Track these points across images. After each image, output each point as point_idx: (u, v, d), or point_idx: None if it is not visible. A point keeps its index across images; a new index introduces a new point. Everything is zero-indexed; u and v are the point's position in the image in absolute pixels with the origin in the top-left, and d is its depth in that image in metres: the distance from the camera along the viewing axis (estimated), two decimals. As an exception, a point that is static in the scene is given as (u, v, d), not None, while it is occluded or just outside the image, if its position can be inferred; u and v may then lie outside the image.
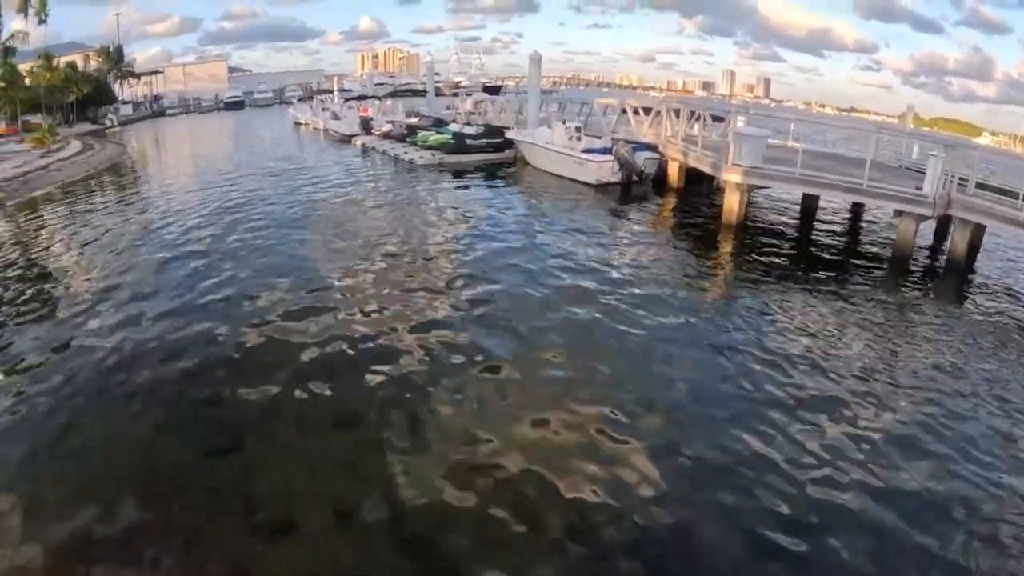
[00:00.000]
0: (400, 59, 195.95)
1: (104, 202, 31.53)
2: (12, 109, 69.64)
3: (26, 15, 71.99)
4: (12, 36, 58.58)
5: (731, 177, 20.06)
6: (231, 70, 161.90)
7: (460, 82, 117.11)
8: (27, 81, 72.26)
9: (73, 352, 12.00)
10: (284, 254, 17.92)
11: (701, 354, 11.44)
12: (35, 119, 73.19)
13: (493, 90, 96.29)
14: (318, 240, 19.51)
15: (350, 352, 11.25)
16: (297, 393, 9.95)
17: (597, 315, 13.00)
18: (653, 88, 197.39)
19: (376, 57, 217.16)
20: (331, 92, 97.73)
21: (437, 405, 9.55)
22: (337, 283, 15.19)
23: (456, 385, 10.09)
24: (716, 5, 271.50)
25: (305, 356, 11.17)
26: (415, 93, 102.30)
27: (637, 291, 14.40)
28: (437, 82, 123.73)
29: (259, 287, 14.82)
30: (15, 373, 11.19)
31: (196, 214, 24.52)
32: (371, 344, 11.55)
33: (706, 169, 22.64)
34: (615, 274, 15.67)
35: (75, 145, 58.64)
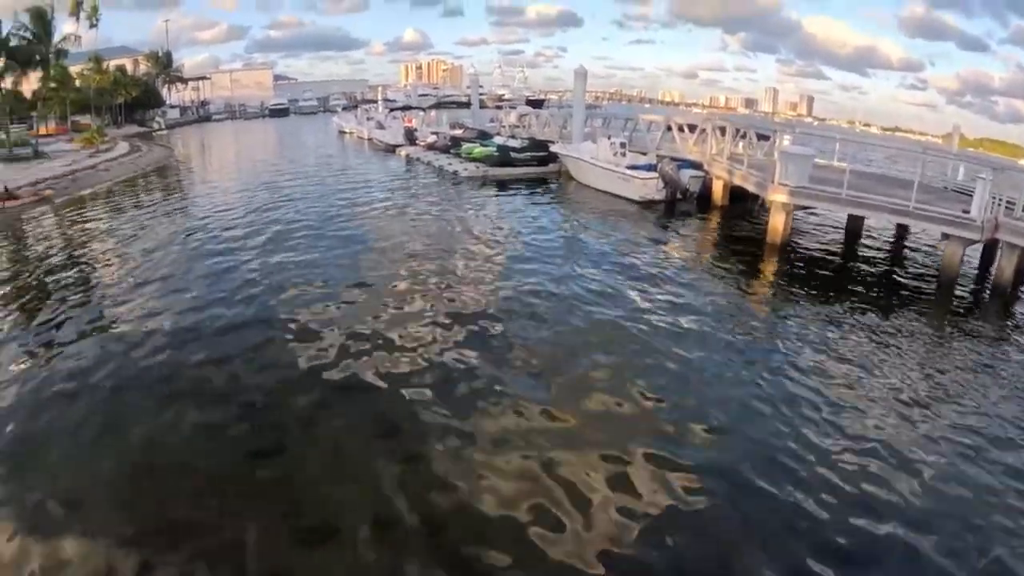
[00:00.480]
0: (444, 71, 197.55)
1: (150, 203, 32.41)
2: (62, 109, 71.49)
3: (78, 19, 73.56)
4: (65, 39, 59.66)
5: (777, 197, 20.05)
6: (276, 78, 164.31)
7: (503, 95, 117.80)
8: (77, 83, 73.92)
9: (112, 348, 12.44)
10: (326, 261, 18.41)
11: (741, 378, 11.31)
12: (84, 119, 75.20)
13: (536, 104, 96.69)
14: (360, 248, 20.04)
15: (385, 363, 11.42)
16: (336, 400, 10.23)
17: (637, 332, 13.09)
18: (695, 104, 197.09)
19: (420, 68, 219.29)
20: (375, 102, 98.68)
21: (478, 419, 9.66)
22: (374, 293, 15.51)
23: (495, 401, 10.20)
24: (760, 22, 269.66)
25: (341, 363, 11.46)
26: (459, 105, 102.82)
27: (679, 311, 14.44)
28: (481, 95, 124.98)
29: (296, 293, 15.27)
30: (54, 368, 11.65)
31: (239, 217, 25.36)
32: (405, 357, 11.71)
33: (751, 188, 22.64)
34: (657, 293, 15.71)
35: (123, 146, 60.12)
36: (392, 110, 71.06)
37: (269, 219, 24.75)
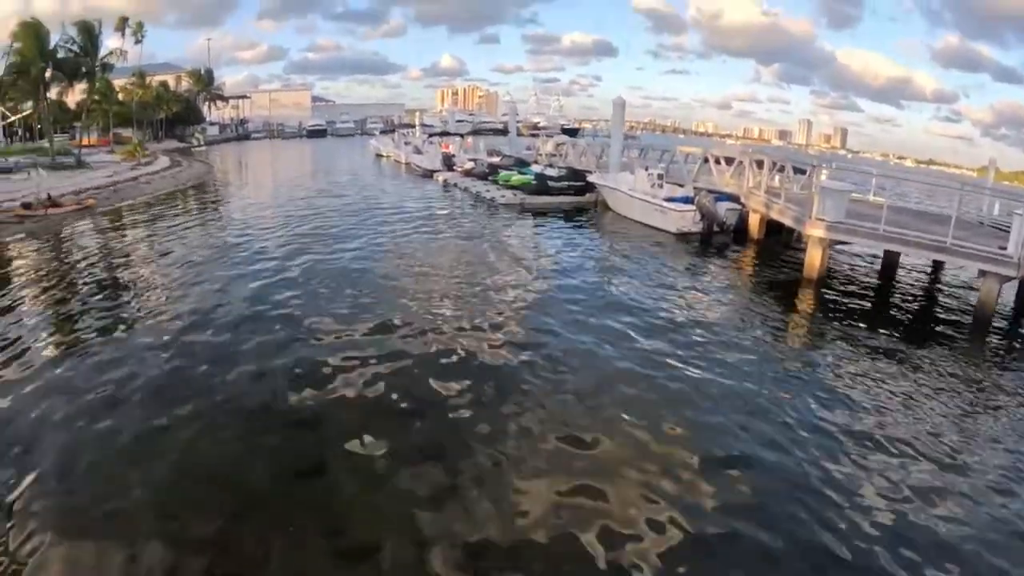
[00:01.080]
0: (480, 97, 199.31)
1: (189, 218, 33.40)
2: (105, 122, 73.40)
3: (123, 34, 75.42)
4: (111, 53, 61.36)
5: (814, 232, 20.16)
6: (314, 99, 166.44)
7: (538, 123, 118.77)
8: (120, 96, 75.62)
9: (150, 359, 12.92)
10: (365, 283, 18.91)
11: (773, 413, 11.22)
12: (126, 132, 77.15)
13: (571, 132, 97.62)
14: (399, 272, 20.59)
15: (421, 387, 11.73)
16: (375, 420, 10.42)
17: (671, 364, 13.26)
18: (729, 135, 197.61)
19: (456, 94, 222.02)
20: (412, 126, 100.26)
21: (514, 444, 9.91)
22: (413, 316, 15.86)
23: (528, 428, 10.36)
24: (793, 53, 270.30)
25: (377, 384, 11.78)
26: (495, 132, 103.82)
27: (714, 345, 14.54)
28: (516, 122, 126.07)
29: (333, 314, 15.69)
30: (93, 376, 12.03)
31: (277, 237, 26.21)
32: (439, 382, 11.94)
33: (789, 223, 22.85)
34: (692, 326, 15.87)
35: (163, 160, 61.60)
36: (431, 135, 72.19)
37: (309, 240, 25.51)
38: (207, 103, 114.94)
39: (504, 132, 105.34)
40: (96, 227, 30.19)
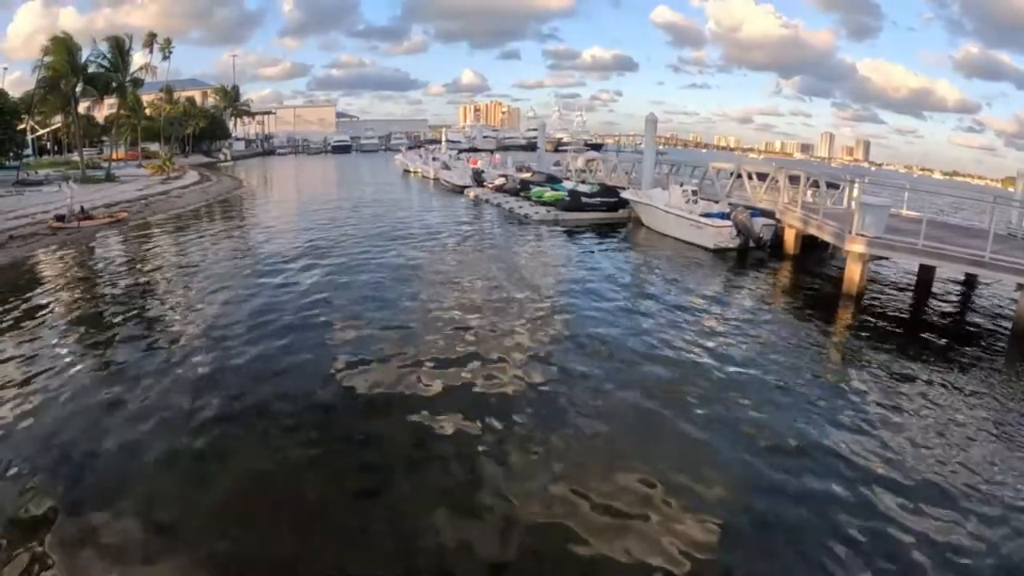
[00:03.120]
0: (503, 113, 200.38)
1: (220, 233, 33.98)
2: (133, 136, 74.64)
3: (151, 50, 76.80)
4: (142, 68, 62.82)
5: (855, 247, 20.24)
6: (338, 115, 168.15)
7: (562, 139, 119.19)
8: (147, 111, 76.96)
9: (207, 375, 13.18)
10: (405, 298, 19.31)
11: (806, 432, 11.07)
12: (153, 147, 78.54)
13: (595, 148, 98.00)
14: (441, 286, 21.10)
15: (465, 404, 11.82)
16: (434, 441, 10.47)
17: (712, 379, 13.42)
18: (751, 149, 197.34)
19: (478, 110, 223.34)
20: (438, 142, 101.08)
21: (558, 457, 10.03)
22: (455, 330, 16.06)
23: (568, 443, 10.44)
24: (814, 65, 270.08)
25: (436, 403, 11.89)
26: (519, 148, 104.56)
27: (754, 361, 14.59)
28: (536, 138, 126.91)
29: (376, 333, 15.84)
30: (140, 390, 12.34)
31: (311, 251, 26.83)
32: (477, 399, 12.10)
33: (828, 238, 22.95)
34: (732, 341, 16.00)
35: (192, 175, 62.78)
36: (461, 151, 72.87)
37: (344, 257, 25.94)
38: (233, 118, 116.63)
39: (528, 148, 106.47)
40: (129, 239, 30.97)
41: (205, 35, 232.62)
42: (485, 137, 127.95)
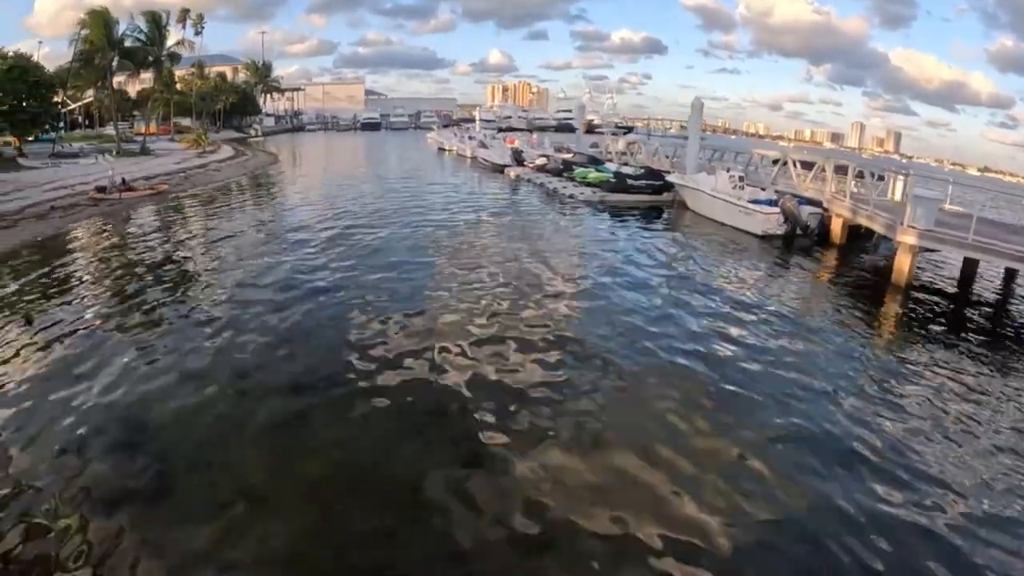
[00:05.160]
0: (533, 94, 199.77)
1: (264, 205, 35.26)
2: (166, 111, 75.38)
3: (184, 26, 77.33)
4: (179, 43, 63.35)
5: (906, 239, 20.52)
6: (367, 93, 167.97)
7: (592, 120, 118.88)
8: (179, 86, 77.67)
9: (287, 351, 13.52)
10: (478, 282, 19.50)
11: (848, 426, 10.98)
12: (184, 122, 79.40)
13: (626, 130, 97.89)
14: (509, 257, 21.94)
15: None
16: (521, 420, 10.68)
17: (755, 366, 13.61)
18: (781, 137, 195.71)
19: (506, 90, 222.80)
20: (472, 121, 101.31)
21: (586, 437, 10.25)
22: (496, 319, 16.19)
23: (596, 426, 10.59)
24: (845, 53, 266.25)
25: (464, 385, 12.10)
26: (548, 128, 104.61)
27: (800, 350, 14.82)
28: (568, 119, 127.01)
29: (422, 321, 15.81)
30: (221, 362, 12.73)
31: (363, 223, 27.97)
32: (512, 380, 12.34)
33: (879, 229, 23.31)
34: (778, 328, 16.23)
35: (227, 150, 63.50)
36: (500, 130, 73.20)
37: (397, 229, 27.01)
38: (263, 95, 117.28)
39: (560, 129, 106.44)
40: (172, 210, 31.75)
41: (232, 11, 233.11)
42: (520, 117, 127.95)
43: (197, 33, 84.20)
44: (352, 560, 7.49)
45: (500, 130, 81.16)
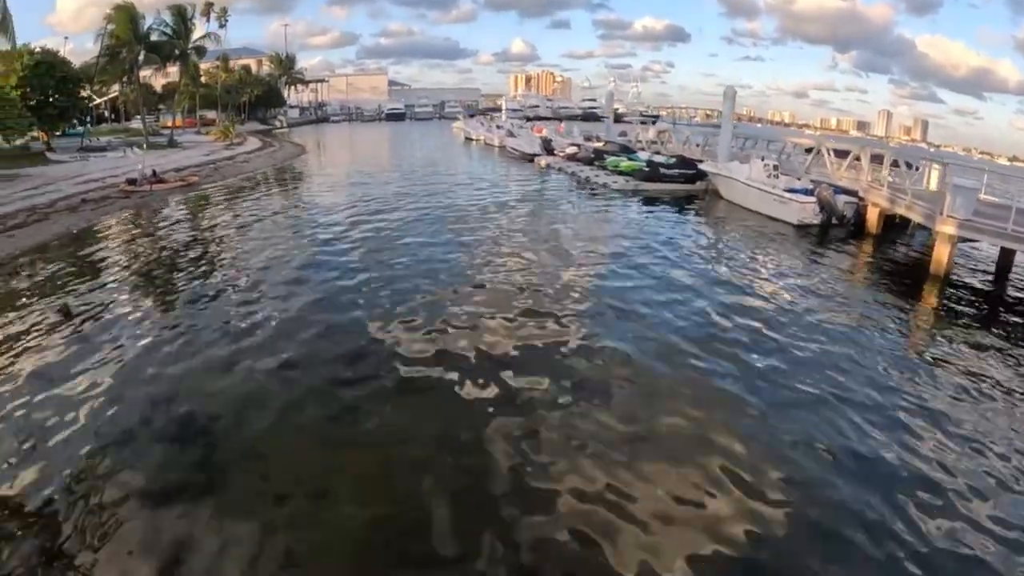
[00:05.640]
0: (558, 83, 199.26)
1: (296, 196, 35.58)
2: (192, 104, 76.28)
3: (208, 19, 78.00)
4: (205, 36, 64.07)
5: (945, 228, 20.45)
6: (390, 83, 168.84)
7: (617, 109, 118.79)
8: (203, 79, 78.64)
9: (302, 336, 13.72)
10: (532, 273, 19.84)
11: (882, 419, 10.88)
12: (209, 114, 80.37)
13: (652, 119, 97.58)
14: (543, 241, 22.29)
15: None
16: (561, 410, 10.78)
17: (812, 351, 13.86)
18: (807, 125, 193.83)
19: (529, 79, 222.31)
20: (498, 111, 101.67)
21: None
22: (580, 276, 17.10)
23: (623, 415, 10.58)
24: (871, 40, 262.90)
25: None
26: (574, 118, 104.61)
27: (838, 336, 14.90)
28: (593, 108, 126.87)
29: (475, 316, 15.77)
30: (266, 355, 12.72)
31: (398, 209, 28.81)
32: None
33: (917, 218, 23.23)
34: (818, 316, 16.40)
35: (254, 142, 64.22)
36: (528, 119, 73.34)
37: (437, 213, 27.68)
38: (287, 87, 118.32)
39: (584, 118, 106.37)
40: (204, 202, 32.25)
41: (254, 4, 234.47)
42: (535, 106, 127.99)
43: (221, 26, 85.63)
44: (417, 552, 7.50)
45: (528, 119, 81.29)
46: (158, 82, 75.53)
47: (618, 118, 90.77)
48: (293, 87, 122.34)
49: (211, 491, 8.41)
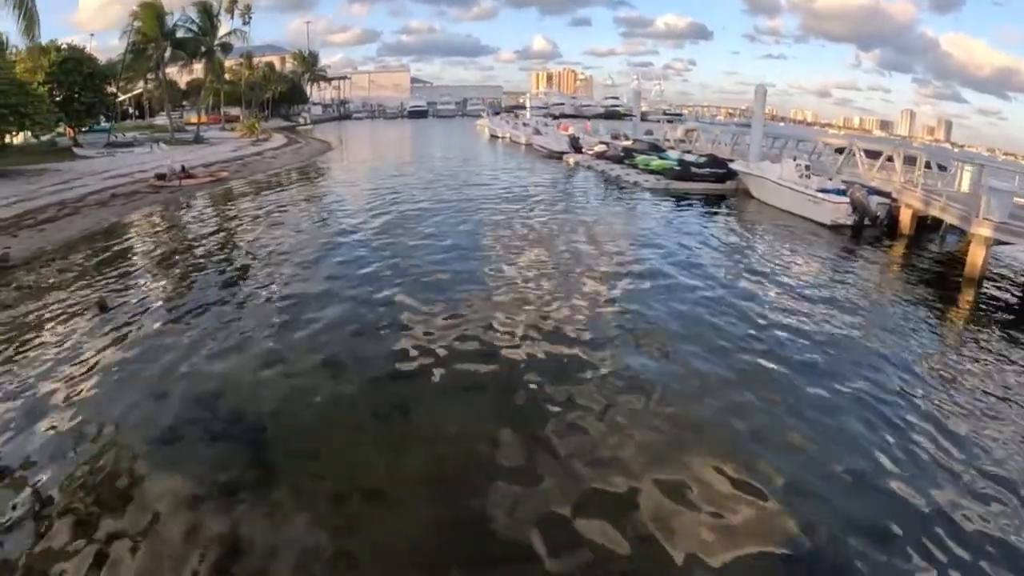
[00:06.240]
0: (581, 80, 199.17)
1: (326, 191, 36.11)
2: (216, 100, 77.12)
3: (232, 16, 78.62)
4: (231, 33, 64.68)
5: (981, 231, 20.46)
6: (412, 81, 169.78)
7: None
8: (227, 76, 79.59)
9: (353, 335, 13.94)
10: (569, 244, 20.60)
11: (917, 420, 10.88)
12: (233, 111, 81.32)
13: (675, 118, 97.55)
14: (580, 238, 22.63)
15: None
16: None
17: (843, 348, 14.11)
18: (830, 124, 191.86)
19: (551, 77, 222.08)
20: (523, 108, 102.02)
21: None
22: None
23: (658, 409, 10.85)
24: (894, 38, 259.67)
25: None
26: (597, 116, 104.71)
27: (876, 337, 14.98)
28: (616, 106, 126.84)
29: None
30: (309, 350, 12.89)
31: (433, 207, 29.12)
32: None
33: (952, 220, 23.22)
34: (860, 319, 16.49)
35: (279, 138, 64.98)
36: (555, 117, 73.65)
37: (471, 211, 27.97)
38: (310, 84, 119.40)
39: (607, 116, 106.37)
40: (234, 196, 32.90)
41: (276, 1, 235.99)
42: (558, 104, 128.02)
43: (245, 23, 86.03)
44: (480, 553, 7.53)
45: (555, 117, 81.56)
46: (182, 79, 76.51)
47: (642, 116, 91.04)
48: (316, 84, 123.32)
49: (265, 489, 8.41)
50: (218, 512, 7.92)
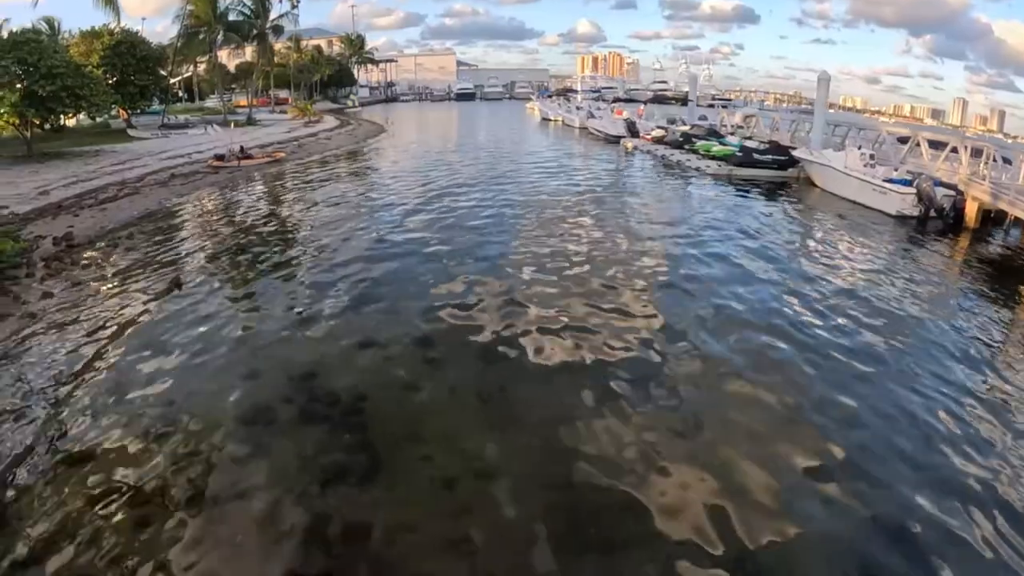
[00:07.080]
0: (629, 64, 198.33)
1: (383, 171, 37.06)
2: (266, 83, 78.65)
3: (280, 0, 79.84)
4: (283, 16, 65.79)
5: None
6: (458, 63, 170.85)
7: (686, 92, 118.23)
8: (276, 59, 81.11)
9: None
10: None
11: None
12: (281, 94, 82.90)
13: (724, 103, 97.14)
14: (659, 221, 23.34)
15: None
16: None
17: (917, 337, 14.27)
18: (880, 112, 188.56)
19: (596, 60, 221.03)
20: (573, 91, 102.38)
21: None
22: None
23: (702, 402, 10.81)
24: (946, 23, 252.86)
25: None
26: (654, 101, 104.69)
27: (945, 331, 14.98)
28: (663, 90, 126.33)
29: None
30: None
31: (500, 188, 30.33)
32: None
33: (1021, 214, 23.64)
34: (933, 312, 16.67)
35: (330, 120, 66.34)
36: (612, 101, 73.97)
37: (541, 190, 29.09)
38: (357, 66, 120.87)
39: (655, 101, 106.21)
40: (293, 176, 33.95)
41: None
42: (607, 88, 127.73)
43: (294, 7, 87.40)
44: (597, 538, 7.55)
45: (612, 101, 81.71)
46: (231, 62, 78.13)
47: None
48: (363, 67, 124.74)
49: (374, 475, 8.49)
50: (324, 497, 8.04)
